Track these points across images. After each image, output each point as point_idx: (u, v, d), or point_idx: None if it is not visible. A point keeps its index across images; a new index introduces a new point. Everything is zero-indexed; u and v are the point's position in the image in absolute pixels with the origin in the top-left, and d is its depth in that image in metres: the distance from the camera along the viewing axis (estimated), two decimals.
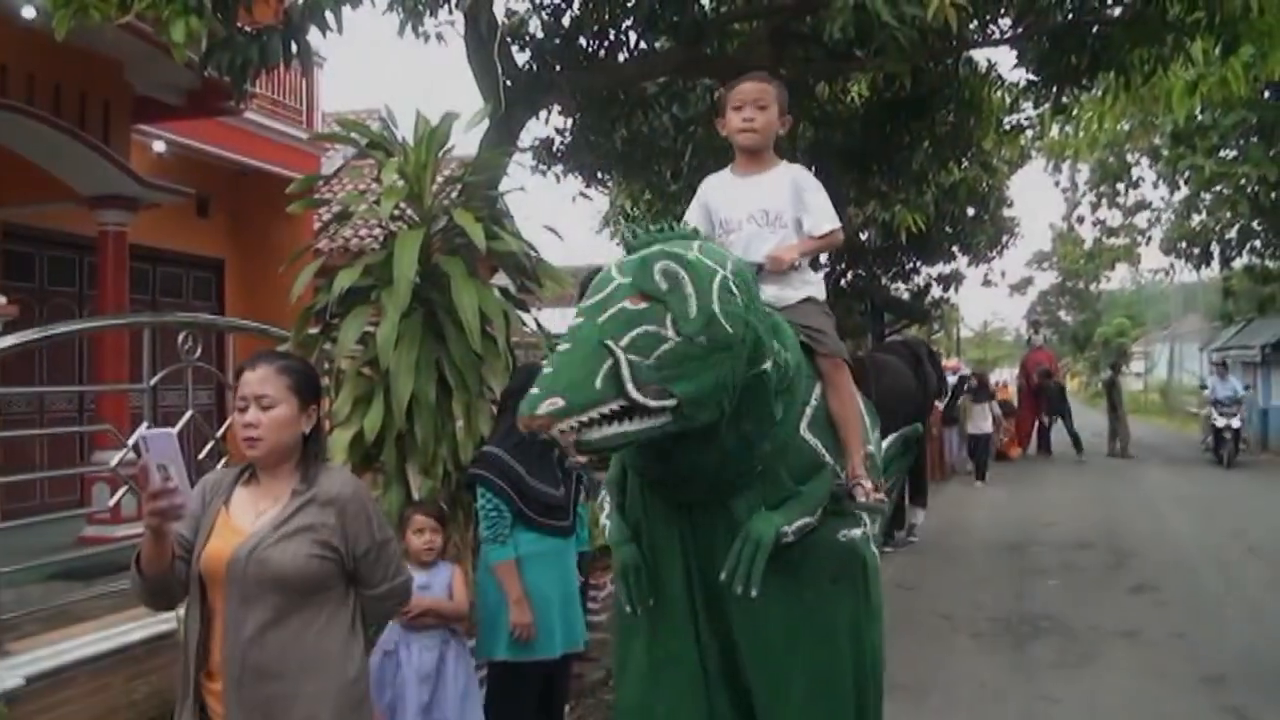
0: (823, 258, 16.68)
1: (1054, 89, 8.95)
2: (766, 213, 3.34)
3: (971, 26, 8.21)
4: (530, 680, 4.42)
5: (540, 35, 8.57)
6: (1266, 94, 16.27)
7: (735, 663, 3.16)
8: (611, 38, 8.52)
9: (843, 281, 18.27)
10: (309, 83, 13.48)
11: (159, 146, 11.75)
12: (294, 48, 5.92)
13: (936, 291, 21.84)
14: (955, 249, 18.56)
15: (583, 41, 8.51)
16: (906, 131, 10.29)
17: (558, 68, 8.31)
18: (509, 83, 7.08)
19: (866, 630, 3.21)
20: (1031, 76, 9.16)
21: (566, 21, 8.51)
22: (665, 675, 3.17)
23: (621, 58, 8.61)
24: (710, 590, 3.08)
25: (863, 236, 15.99)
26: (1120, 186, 24.95)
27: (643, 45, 8.73)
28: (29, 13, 8.21)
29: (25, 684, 4.25)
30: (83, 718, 4.50)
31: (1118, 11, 7.98)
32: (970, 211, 16.66)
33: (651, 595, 3.15)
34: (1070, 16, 8.11)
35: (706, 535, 3.08)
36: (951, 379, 18.12)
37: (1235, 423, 18.71)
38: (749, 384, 2.84)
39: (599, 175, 11.40)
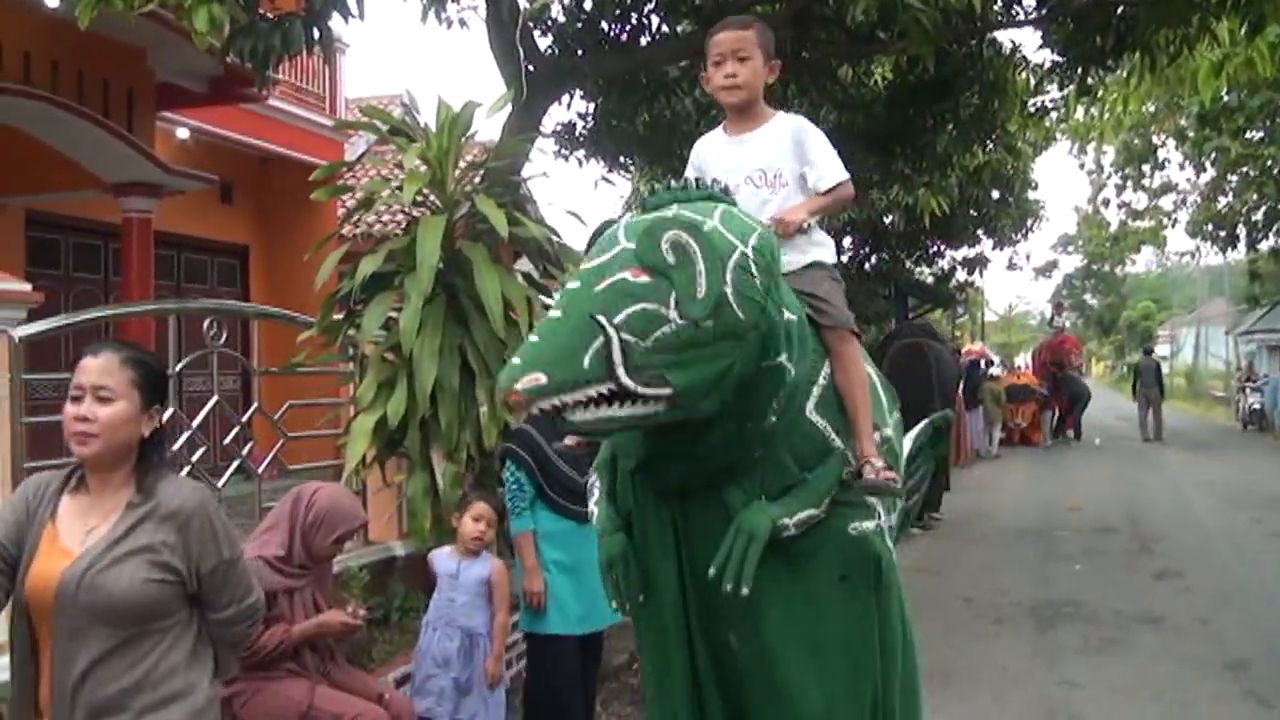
0: (847, 237, 16.67)
1: (1079, 70, 8.87)
2: (764, 172, 3.00)
3: (995, 7, 8.14)
4: (553, 655, 4.47)
5: (562, 20, 8.56)
6: None
7: (729, 671, 2.85)
8: (633, 21, 8.49)
9: (866, 265, 18.24)
10: (331, 69, 13.52)
11: (182, 133, 11.83)
12: (316, 34, 5.94)
13: (961, 275, 21.79)
14: (979, 232, 18.49)
15: (604, 26, 8.48)
16: (930, 114, 10.23)
17: (579, 52, 8.30)
18: (531, 68, 7.08)
19: (885, 634, 2.87)
20: (1056, 58, 9.08)
21: (588, 6, 8.49)
22: (663, 682, 2.91)
23: (643, 42, 8.58)
24: (705, 589, 2.72)
25: (886, 220, 15.92)
26: (1146, 169, 24.78)
27: (664, 29, 8.70)
28: (52, 0, 8.27)
29: None
30: None
31: None
32: (994, 194, 16.59)
33: (642, 591, 2.85)
34: None
35: (701, 527, 2.73)
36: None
37: None
38: (758, 376, 2.53)
39: (621, 160, 11.38)
